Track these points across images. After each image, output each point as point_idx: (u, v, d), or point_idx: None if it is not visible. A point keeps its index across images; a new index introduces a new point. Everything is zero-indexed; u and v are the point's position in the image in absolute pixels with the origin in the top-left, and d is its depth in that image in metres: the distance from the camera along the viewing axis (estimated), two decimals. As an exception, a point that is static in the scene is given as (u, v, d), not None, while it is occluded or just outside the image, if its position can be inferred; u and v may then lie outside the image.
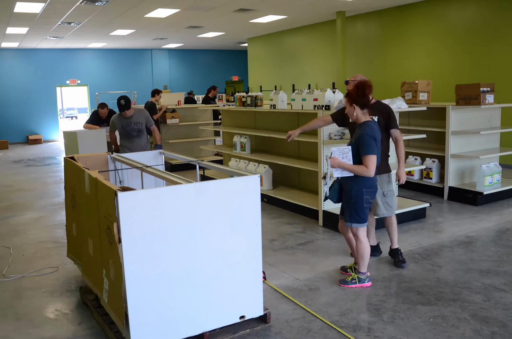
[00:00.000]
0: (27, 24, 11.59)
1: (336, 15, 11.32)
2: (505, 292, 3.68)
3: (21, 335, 3.24)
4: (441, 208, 6.25)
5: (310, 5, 10.36)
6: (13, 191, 8.20)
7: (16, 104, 16.81)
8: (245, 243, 3.05)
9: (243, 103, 7.04)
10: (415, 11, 10.40)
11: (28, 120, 17.23)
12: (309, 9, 10.83)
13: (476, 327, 3.15)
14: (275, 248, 4.85)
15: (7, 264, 4.59)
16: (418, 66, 10.46)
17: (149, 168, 3.61)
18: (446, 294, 3.67)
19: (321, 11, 11.14)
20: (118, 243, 2.61)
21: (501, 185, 6.51)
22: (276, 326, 3.23)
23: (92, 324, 3.35)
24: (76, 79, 17.95)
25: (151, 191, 2.80)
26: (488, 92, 6.28)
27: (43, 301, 3.76)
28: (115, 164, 4.29)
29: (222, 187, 2.95)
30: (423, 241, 4.97)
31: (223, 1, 9.54)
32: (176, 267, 2.82)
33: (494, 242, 4.88)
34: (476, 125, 6.78)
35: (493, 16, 8.87)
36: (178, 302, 2.85)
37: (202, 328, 2.96)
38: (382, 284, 3.89)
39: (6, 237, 5.52)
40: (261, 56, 16.13)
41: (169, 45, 18.05)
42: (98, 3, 9.42)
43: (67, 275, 4.28)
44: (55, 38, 14.55)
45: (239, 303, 3.09)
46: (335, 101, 5.43)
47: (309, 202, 5.88)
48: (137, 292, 2.71)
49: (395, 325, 3.20)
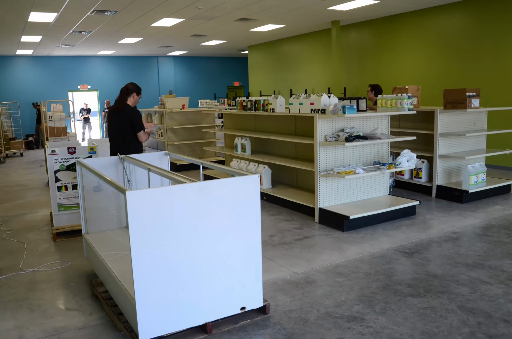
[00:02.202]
0: (40, 32, 11.58)
1: (331, 24, 11.32)
2: (490, 284, 3.68)
3: (34, 325, 3.24)
4: (430, 205, 6.24)
5: (307, 15, 10.36)
6: (28, 190, 8.20)
7: (30, 107, 16.80)
8: (245, 239, 3.05)
9: (244, 107, 7.03)
10: (405, 20, 10.41)
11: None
12: (306, 18, 10.83)
13: (463, 318, 3.15)
14: (274, 243, 4.85)
15: (22, 259, 4.59)
16: (408, 72, 10.46)
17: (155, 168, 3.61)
18: (435, 287, 3.67)
19: (317, 20, 11.15)
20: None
21: (485, 184, 6.51)
22: (275, 316, 3.23)
23: (102, 315, 3.34)
24: (86, 84, 17.95)
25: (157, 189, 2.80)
26: (474, 96, 6.27)
27: (56, 293, 3.76)
28: (123, 164, 4.28)
29: (224, 186, 2.95)
30: (413, 236, 4.96)
31: (225, 11, 9.53)
32: (181, 261, 2.81)
33: (480, 238, 4.87)
34: (463, 127, 6.78)
35: (478, 25, 8.87)
36: (183, 294, 2.85)
37: (205, 318, 2.96)
38: (375, 277, 3.89)
39: (21, 233, 5.53)
40: (260, 63, 16.13)
41: (174, 53, 18.05)
42: (107, 13, 9.42)
43: (78, 269, 4.28)
44: (67, 46, 14.55)
45: (240, 295, 3.09)
46: (330, 105, 5.43)
47: (306, 200, 5.87)
48: (144, 284, 2.70)
49: (387, 316, 3.20)
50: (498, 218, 5.57)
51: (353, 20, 11.35)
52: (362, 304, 3.40)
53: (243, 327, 3.09)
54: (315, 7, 9.41)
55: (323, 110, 5.48)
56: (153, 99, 17.91)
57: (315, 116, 5.36)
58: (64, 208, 5.34)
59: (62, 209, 5.33)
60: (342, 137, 5.29)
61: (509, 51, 8.41)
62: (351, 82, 12.03)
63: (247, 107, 6.93)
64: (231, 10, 9.45)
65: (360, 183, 5.82)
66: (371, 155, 5.87)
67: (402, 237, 4.94)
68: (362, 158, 5.80)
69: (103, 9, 9.04)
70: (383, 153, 5.98)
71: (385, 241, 4.84)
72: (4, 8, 8.54)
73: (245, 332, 3.03)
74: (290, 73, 14.56)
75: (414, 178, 7.02)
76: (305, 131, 6.12)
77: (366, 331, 3.00)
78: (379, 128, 5.83)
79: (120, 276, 3.14)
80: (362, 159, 5.79)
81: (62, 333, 3.10)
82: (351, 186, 5.75)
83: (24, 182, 9.04)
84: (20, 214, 6.42)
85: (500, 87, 8.59)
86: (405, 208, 5.66)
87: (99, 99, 18.26)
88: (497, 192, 6.67)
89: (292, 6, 9.20)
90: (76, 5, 8.50)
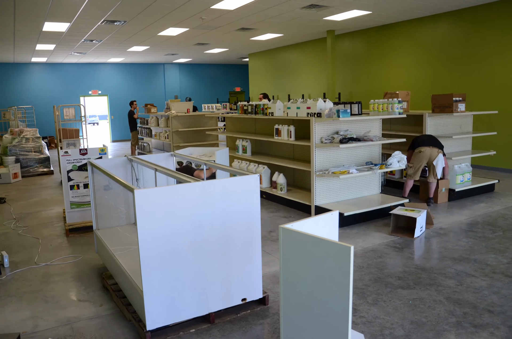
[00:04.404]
0: (54, 41, 11.58)
1: (327, 33, 11.32)
2: (475, 277, 3.68)
3: (49, 315, 3.24)
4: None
5: (304, 25, 10.36)
6: (42, 189, 8.20)
7: (45, 111, 16.79)
8: (246, 234, 3.05)
9: (245, 111, 7.02)
10: (395, 30, 10.41)
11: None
12: (302, 28, 10.83)
13: (450, 308, 3.15)
14: (273, 239, 4.85)
15: (36, 253, 4.59)
16: (399, 78, 10.46)
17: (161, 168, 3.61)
18: (424, 279, 3.67)
19: (313, 30, 11.15)
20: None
21: (471, 183, 6.51)
22: (274, 307, 3.23)
23: (112, 306, 3.35)
24: (97, 90, 17.94)
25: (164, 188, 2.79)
26: (460, 101, 6.27)
27: (68, 286, 3.76)
28: (132, 164, 4.28)
29: (226, 184, 2.95)
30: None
31: (226, 21, 9.54)
32: (185, 256, 2.81)
33: (466, 234, 4.87)
34: (449, 130, 6.78)
35: (463, 35, 8.86)
36: (188, 286, 2.85)
37: (208, 309, 2.96)
38: (367, 270, 3.89)
39: (36, 229, 5.53)
40: (260, 70, 16.12)
41: (180, 60, 18.04)
42: (117, 23, 9.42)
43: (89, 263, 4.28)
44: (79, 54, 14.54)
45: (241, 287, 3.09)
46: (326, 109, 5.43)
47: (302, 198, 5.87)
48: (152, 277, 2.70)
49: (379, 307, 3.20)
50: (483, 215, 5.57)
51: (347, 30, 11.35)
52: (355, 295, 3.40)
53: (244, 317, 3.09)
54: (311, 18, 9.41)
55: (319, 114, 5.48)
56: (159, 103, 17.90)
57: (311, 119, 5.36)
58: (76, 206, 5.33)
59: (74, 206, 5.32)
60: (336, 139, 5.29)
61: (492, 58, 8.41)
62: (345, 88, 12.03)
63: (248, 111, 6.93)
64: (233, 20, 9.46)
65: (354, 182, 5.82)
66: (363, 156, 5.87)
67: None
68: (355, 159, 5.80)
69: (113, 19, 9.04)
70: (375, 154, 5.98)
71: (377, 236, 4.84)
72: (21, 18, 8.54)
73: (246, 322, 3.03)
74: (288, 79, 14.55)
75: (404, 177, 7.01)
76: (302, 133, 6.11)
77: (359, 321, 3.00)
78: (371, 130, 5.83)
79: (129, 269, 3.14)
80: (355, 159, 5.79)
81: (75, 323, 3.10)
82: (345, 185, 5.75)
83: (39, 181, 9.04)
84: (35, 211, 6.42)
85: (485, 92, 8.59)
86: (396, 205, 5.65)
87: (109, 104, 18.25)
88: (482, 190, 6.67)
89: (290, 16, 9.21)
90: (88, 15, 8.50)
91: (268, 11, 8.65)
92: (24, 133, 10.15)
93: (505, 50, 8.18)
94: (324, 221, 2.39)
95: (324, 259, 2.03)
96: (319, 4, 8.13)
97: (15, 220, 5.95)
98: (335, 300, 2.01)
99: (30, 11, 7.97)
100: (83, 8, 7.82)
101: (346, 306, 1.96)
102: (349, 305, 1.95)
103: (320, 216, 2.38)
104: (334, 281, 2.00)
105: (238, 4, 7.92)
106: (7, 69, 16.31)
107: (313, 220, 2.34)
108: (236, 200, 2.97)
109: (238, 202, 2.99)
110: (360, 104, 5.66)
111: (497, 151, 7.38)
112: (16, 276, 3.99)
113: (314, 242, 2.07)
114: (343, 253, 1.94)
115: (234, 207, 2.97)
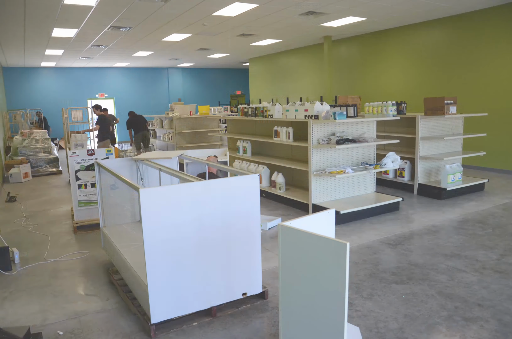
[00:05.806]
0: (62, 46, 11.57)
1: (324, 39, 11.30)
2: (466, 273, 3.68)
3: (57, 309, 3.24)
4: (412, 202, 6.24)
5: (302, 31, 10.36)
6: (51, 188, 8.19)
7: (54, 113, 16.79)
8: (246, 231, 3.05)
9: (245, 113, 7.02)
10: (390, 35, 10.40)
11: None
12: (300, 34, 10.82)
13: (442, 302, 3.15)
14: (272, 236, 4.85)
15: (46, 249, 4.59)
16: (393, 82, 10.46)
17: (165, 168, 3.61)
18: (416, 275, 3.66)
19: (311, 35, 11.14)
20: None
21: (462, 183, 6.50)
22: (273, 301, 3.23)
23: (118, 300, 3.34)
24: (104, 93, 17.94)
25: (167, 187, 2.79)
26: (451, 104, 6.27)
27: (76, 281, 3.76)
28: (137, 164, 4.28)
29: (227, 184, 2.95)
30: (397, 230, 4.96)
31: (227, 27, 9.53)
32: (188, 252, 2.81)
33: (457, 231, 4.87)
34: (441, 132, 6.77)
35: (455, 40, 8.86)
36: (190, 281, 2.85)
37: (210, 303, 2.96)
38: (362, 266, 3.89)
39: (45, 226, 5.52)
40: (260, 74, 16.11)
41: (183, 64, 18.03)
42: (123, 29, 9.41)
43: (96, 259, 4.28)
44: (86, 58, 14.54)
45: (241, 282, 3.09)
46: (323, 112, 5.42)
47: (300, 197, 5.87)
48: (156, 272, 2.70)
49: (373, 301, 3.20)
50: (473, 213, 5.57)
51: (343, 35, 11.34)
52: (350, 290, 3.39)
53: (245, 311, 3.09)
54: (309, 24, 9.41)
55: (316, 116, 5.48)
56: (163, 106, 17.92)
57: (309, 121, 5.36)
58: (84, 204, 5.33)
59: (82, 205, 5.32)
60: (333, 140, 5.29)
61: (482, 62, 8.40)
62: (341, 91, 12.02)
63: (248, 113, 6.92)
64: (234, 26, 9.45)
65: (349, 181, 5.82)
66: (359, 157, 5.87)
67: (387, 230, 4.94)
68: (351, 159, 5.80)
69: (119, 26, 9.04)
70: (370, 154, 5.98)
71: (371, 233, 4.84)
72: (31, 25, 8.55)
73: (246, 315, 3.03)
74: (286, 83, 14.54)
75: (398, 177, 7.01)
76: (300, 135, 6.11)
77: (354, 314, 3.00)
78: (366, 132, 5.83)
79: (134, 265, 3.14)
80: (351, 160, 5.79)
81: (82, 316, 3.10)
82: (341, 184, 5.75)
83: (48, 180, 9.03)
84: (45, 210, 6.42)
85: (475, 95, 8.59)
86: (390, 204, 5.65)
87: (115, 106, 18.26)
88: (472, 189, 6.66)
89: (289, 22, 9.20)
90: (95, 22, 8.50)
91: (267, 18, 8.65)
92: (33, 135, 10.15)
93: (494, 55, 8.18)
94: (321, 219, 2.39)
95: (321, 255, 2.03)
96: (316, 11, 8.14)
97: (25, 218, 5.95)
98: (332, 295, 2.01)
99: (40, 18, 7.96)
100: (90, 15, 7.82)
101: (342, 300, 1.96)
102: (345, 299, 1.95)
103: (317, 214, 2.38)
104: (331, 276, 2.00)
105: (239, 11, 7.92)
106: (18, 73, 16.31)
107: (311, 218, 2.34)
108: (237, 199, 2.97)
109: (239, 201, 2.98)
110: (356, 106, 5.66)
111: (486, 152, 7.38)
112: (26, 272, 3.99)
113: (312, 239, 2.07)
114: (339, 249, 1.94)
115: (235, 206, 2.97)
